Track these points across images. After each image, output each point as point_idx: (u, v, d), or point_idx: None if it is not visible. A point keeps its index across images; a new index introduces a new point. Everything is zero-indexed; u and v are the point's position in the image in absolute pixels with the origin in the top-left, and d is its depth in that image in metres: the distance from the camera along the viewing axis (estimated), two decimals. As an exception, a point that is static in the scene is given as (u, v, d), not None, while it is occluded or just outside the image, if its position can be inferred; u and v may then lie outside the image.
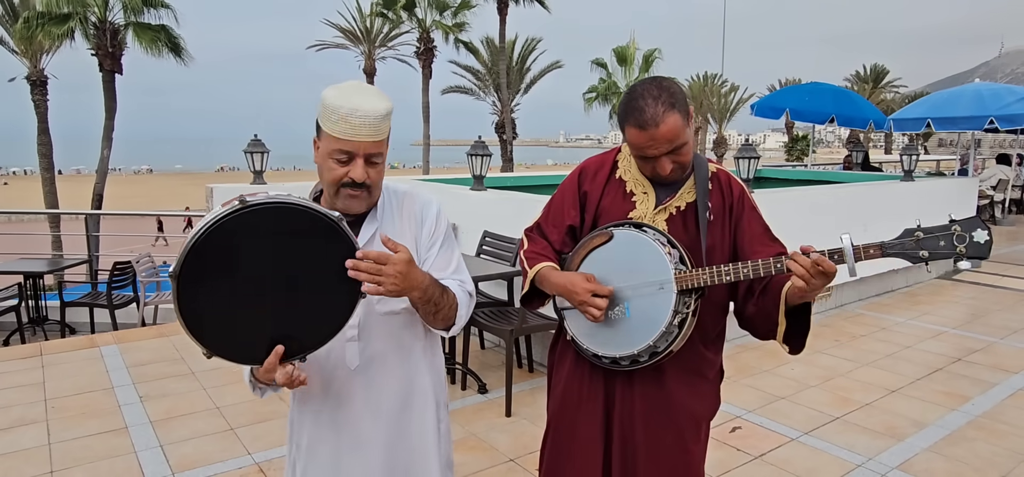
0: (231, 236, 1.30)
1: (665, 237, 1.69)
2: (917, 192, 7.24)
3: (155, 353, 4.94)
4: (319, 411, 1.61)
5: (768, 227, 1.77)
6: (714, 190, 1.77)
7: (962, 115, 8.06)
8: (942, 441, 3.57)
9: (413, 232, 1.62)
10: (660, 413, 1.76)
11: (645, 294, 1.65)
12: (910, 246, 1.45)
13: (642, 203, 1.78)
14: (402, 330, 1.61)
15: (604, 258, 1.71)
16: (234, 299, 1.34)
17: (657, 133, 1.61)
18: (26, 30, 15.50)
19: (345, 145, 1.45)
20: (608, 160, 1.88)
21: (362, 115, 1.44)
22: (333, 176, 1.48)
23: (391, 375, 1.61)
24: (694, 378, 1.79)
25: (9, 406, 3.96)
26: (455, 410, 3.97)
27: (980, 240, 1.35)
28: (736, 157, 5.58)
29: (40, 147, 16.97)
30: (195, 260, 1.29)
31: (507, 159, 25.15)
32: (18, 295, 6.85)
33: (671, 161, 1.67)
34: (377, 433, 1.61)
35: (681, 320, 1.64)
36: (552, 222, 1.89)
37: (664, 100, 1.61)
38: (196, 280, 1.30)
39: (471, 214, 5.34)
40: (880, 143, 41.08)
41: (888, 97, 36.90)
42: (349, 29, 26.05)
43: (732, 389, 4.28)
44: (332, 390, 1.59)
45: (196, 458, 3.35)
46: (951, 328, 5.70)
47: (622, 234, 1.70)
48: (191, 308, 1.31)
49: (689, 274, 1.62)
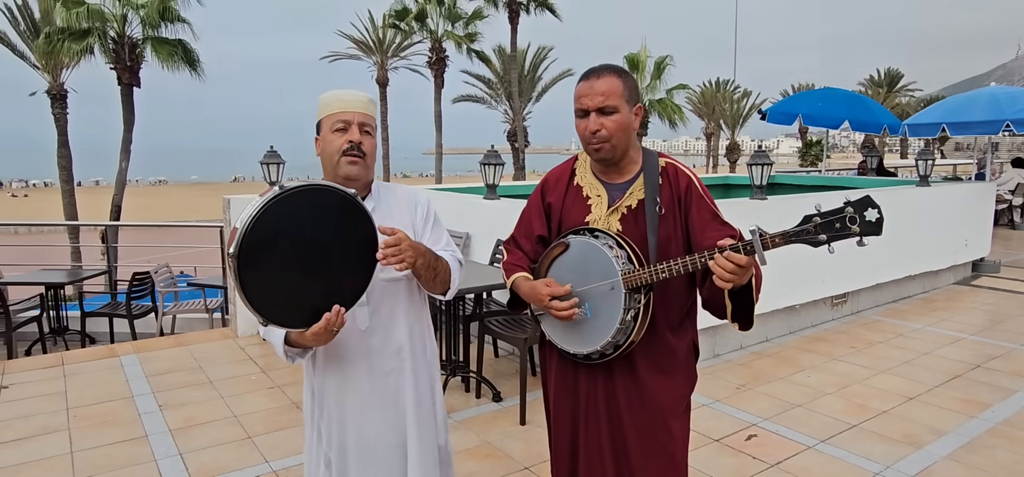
0: (276, 218, 1.55)
1: (614, 239, 1.80)
2: (933, 197, 7.17)
3: (173, 362, 5.00)
4: (336, 374, 1.86)
5: (717, 212, 1.85)
6: (664, 184, 1.86)
7: (978, 119, 7.97)
8: (962, 449, 3.54)
9: (409, 213, 1.95)
10: (639, 398, 1.88)
11: (601, 294, 1.80)
12: (810, 231, 1.54)
13: (596, 206, 1.90)
14: (403, 295, 1.90)
15: (564, 265, 1.88)
16: (282, 271, 1.58)
17: (595, 83, 1.80)
18: (47, 46, 15.78)
19: (342, 115, 1.79)
20: (567, 169, 2.02)
21: (352, 94, 1.83)
22: (334, 146, 1.78)
23: (395, 335, 1.89)
24: (665, 362, 1.90)
25: (32, 415, 4.03)
26: (470, 418, 3.99)
27: (871, 218, 1.43)
28: (749, 164, 5.56)
29: (60, 159, 17.23)
30: (249, 240, 1.52)
31: (519, 167, 25.19)
32: (40, 306, 6.97)
33: (598, 121, 1.80)
34: (385, 391, 1.88)
35: (634, 314, 1.78)
36: (524, 234, 2.06)
37: (612, 68, 1.83)
38: (251, 258, 1.53)
39: (484, 223, 5.36)
40: (895, 148, 40.69)
41: (902, 101, 36.57)
42: (362, 40, 26.28)
43: (747, 397, 4.26)
44: (344, 353, 1.85)
45: (214, 466, 3.39)
46: (969, 334, 5.64)
47: (576, 242, 1.86)
48: (249, 282, 1.54)
49: (634, 273, 1.75)
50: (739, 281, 1.61)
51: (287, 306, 1.61)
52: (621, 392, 1.89)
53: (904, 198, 6.95)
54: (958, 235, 7.42)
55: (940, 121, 8.30)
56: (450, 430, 3.76)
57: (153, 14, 16.61)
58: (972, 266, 8.03)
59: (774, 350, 5.23)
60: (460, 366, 4.36)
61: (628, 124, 1.82)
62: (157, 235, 18.66)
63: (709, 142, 38.19)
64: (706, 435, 3.69)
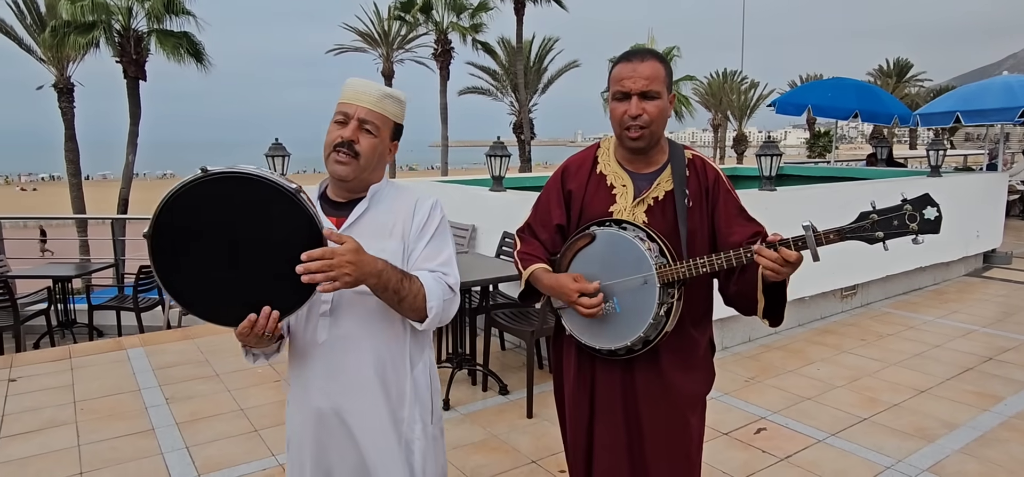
0: (198, 201, 1.40)
1: (644, 232, 1.75)
2: (945, 188, 7.09)
3: (180, 356, 5.00)
4: (296, 391, 1.72)
5: (743, 207, 1.83)
6: (691, 176, 1.82)
7: (992, 107, 7.86)
8: (974, 443, 3.49)
9: (402, 223, 1.66)
10: (661, 392, 1.84)
11: (631, 289, 1.73)
12: (867, 228, 1.50)
13: (622, 196, 1.83)
14: (375, 313, 1.62)
15: (589, 258, 1.79)
16: (206, 262, 1.43)
17: (639, 67, 1.73)
18: (53, 39, 15.83)
19: (344, 107, 1.62)
20: (589, 156, 1.94)
21: (363, 85, 1.64)
22: (329, 139, 1.62)
23: (355, 355, 1.63)
24: (686, 357, 1.86)
25: (40, 408, 4.03)
26: (476, 412, 3.97)
27: (930, 216, 1.42)
28: (758, 154, 5.50)
29: (67, 153, 17.32)
30: (166, 222, 1.40)
31: (525, 159, 25.13)
32: (47, 299, 6.99)
33: (641, 105, 1.73)
34: (329, 409, 1.66)
35: (667, 309, 1.74)
36: (540, 223, 1.95)
37: (654, 53, 1.77)
38: (169, 241, 1.41)
39: (490, 215, 5.33)
40: (904, 139, 40.38)
41: (912, 91, 36.25)
42: (367, 32, 26.23)
43: (757, 390, 4.23)
44: (302, 362, 1.69)
45: (221, 459, 3.38)
46: (981, 327, 5.57)
47: (603, 233, 1.78)
48: (165, 266, 1.42)
49: (669, 268, 1.70)
50: (786, 276, 1.60)
51: (216, 300, 1.46)
52: (641, 386, 1.85)
53: (916, 189, 6.87)
54: (970, 226, 7.34)
55: (953, 109, 8.20)
56: (457, 424, 3.76)
57: (158, 6, 16.63)
58: (983, 257, 7.95)
59: (783, 343, 5.18)
60: (466, 359, 4.34)
61: (666, 111, 1.78)
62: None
63: (716, 133, 37.98)
64: (715, 428, 3.66)
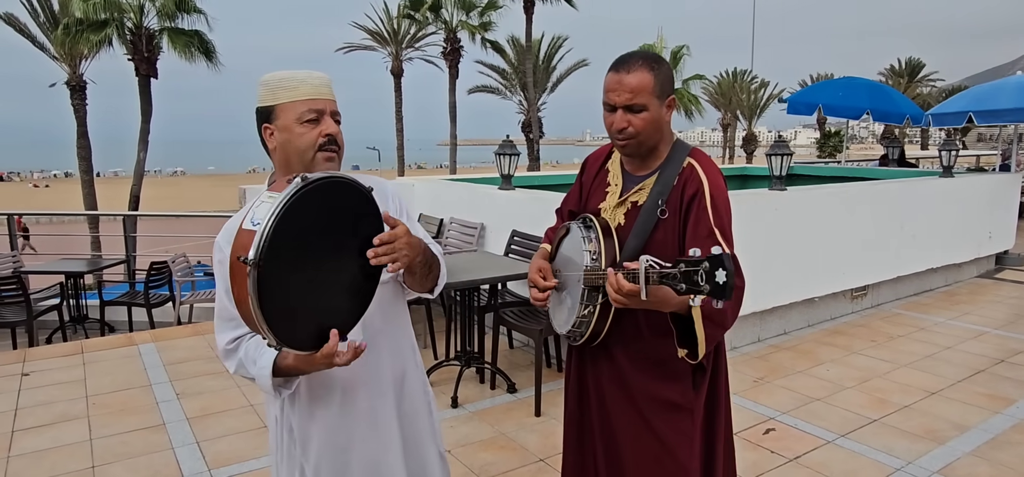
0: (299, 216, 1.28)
1: (599, 232, 1.76)
2: (957, 189, 7.03)
3: (191, 351, 5.04)
4: (324, 397, 1.61)
5: (716, 229, 1.68)
6: (677, 185, 1.76)
7: (1005, 108, 7.77)
8: (986, 445, 3.46)
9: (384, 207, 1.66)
10: (621, 393, 1.84)
11: (572, 284, 1.81)
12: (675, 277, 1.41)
13: (611, 195, 1.86)
14: (392, 300, 1.67)
15: (564, 249, 1.89)
16: (298, 282, 1.31)
17: (625, 78, 1.69)
18: (66, 36, 15.98)
19: (313, 104, 1.50)
20: (605, 152, 1.98)
21: (319, 76, 1.54)
22: (307, 141, 1.50)
23: (386, 347, 1.66)
24: (649, 364, 1.81)
25: (52, 402, 4.07)
26: (484, 410, 3.98)
27: (720, 280, 1.32)
28: (768, 154, 5.47)
29: (79, 150, 17.46)
30: (274, 244, 1.23)
31: (534, 158, 25.12)
32: (60, 294, 7.06)
33: (626, 118, 1.70)
34: (385, 408, 1.66)
35: (590, 311, 1.75)
36: (565, 207, 2.08)
37: (645, 59, 1.70)
38: (273, 266, 1.25)
39: (499, 213, 5.34)
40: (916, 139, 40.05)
41: (924, 91, 35.92)
42: (376, 31, 26.29)
43: (765, 390, 4.21)
44: (335, 372, 1.56)
45: (231, 455, 3.40)
46: (993, 328, 5.53)
47: (573, 227, 1.83)
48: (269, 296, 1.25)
49: (592, 272, 1.71)
50: (629, 305, 1.54)
51: (298, 323, 1.33)
52: (606, 383, 1.88)
53: (927, 189, 6.82)
54: (981, 227, 7.28)
55: (966, 109, 8.11)
56: (465, 421, 3.77)
57: (169, 4, 16.76)
58: (996, 259, 7.87)
59: (792, 343, 5.16)
60: (475, 357, 4.35)
61: (658, 119, 1.72)
62: (174, 225, 18.85)
63: (725, 133, 37.81)
64: (723, 428, 3.65)
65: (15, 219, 8.92)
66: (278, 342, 1.30)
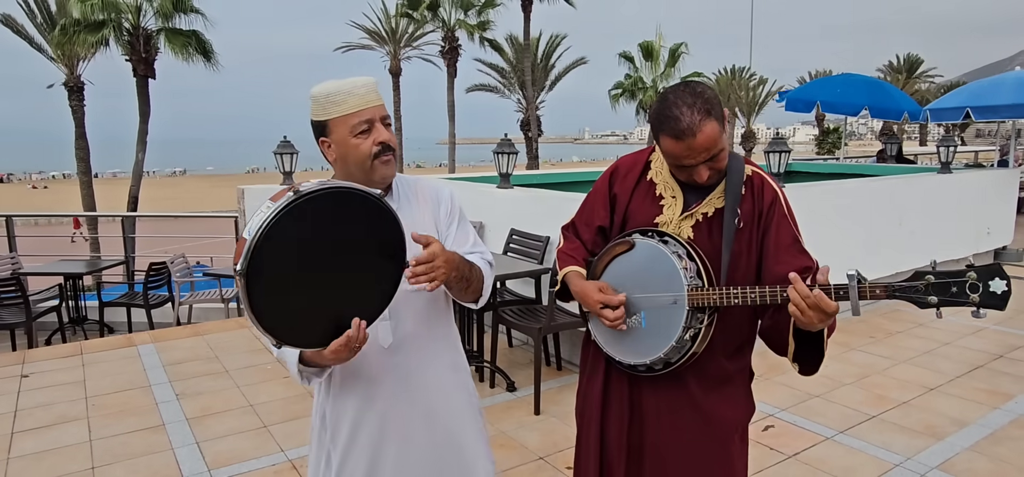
0: (290, 227, 1.33)
1: (685, 249, 1.66)
2: (955, 185, 7.04)
3: (190, 352, 5.04)
4: (356, 395, 1.66)
5: (797, 237, 1.68)
6: (746, 195, 1.70)
7: (1004, 103, 7.78)
8: (985, 440, 3.47)
9: (432, 212, 1.73)
10: (686, 417, 1.75)
11: (660, 306, 1.66)
12: (920, 289, 1.37)
13: (669, 208, 1.74)
14: (429, 306, 1.70)
15: (624, 266, 1.72)
16: (297, 286, 1.38)
17: (694, 143, 1.57)
18: (63, 37, 15.96)
19: (363, 114, 1.55)
20: (641, 160, 1.85)
21: (364, 85, 1.57)
22: (362, 151, 1.56)
23: (422, 352, 1.69)
24: (717, 384, 1.77)
25: (52, 403, 4.07)
26: (483, 408, 3.97)
27: (997, 290, 1.26)
28: (766, 151, 5.47)
29: (78, 151, 17.45)
30: (259, 255, 1.29)
31: (532, 156, 25.14)
32: (59, 295, 7.05)
33: (708, 168, 1.63)
34: (415, 412, 1.68)
35: (693, 334, 1.65)
36: (584, 222, 1.89)
37: (699, 108, 1.56)
38: (261, 275, 1.31)
39: (498, 212, 5.34)
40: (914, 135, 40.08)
41: (922, 87, 35.95)
42: (374, 30, 26.28)
43: (764, 387, 4.22)
44: (365, 373, 1.64)
45: (231, 455, 3.41)
46: (992, 324, 5.53)
47: (643, 243, 1.69)
48: (259, 303, 1.33)
49: (701, 293, 1.61)
50: (819, 325, 1.49)
51: (303, 324, 1.41)
52: (666, 409, 1.77)
53: (925, 185, 6.83)
54: (980, 223, 7.28)
55: (965, 105, 8.11)
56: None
57: (167, 4, 16.73)
58: (994, 254, 7.87)
59: (791, 340, 5.16)
60: (474, 356, 4.35)
61: (728, 145, 1.67)
62: (173, 225, 18.85)
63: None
64: (722, 426, 3.66)
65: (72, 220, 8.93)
66: (277, 342, 1.39)
